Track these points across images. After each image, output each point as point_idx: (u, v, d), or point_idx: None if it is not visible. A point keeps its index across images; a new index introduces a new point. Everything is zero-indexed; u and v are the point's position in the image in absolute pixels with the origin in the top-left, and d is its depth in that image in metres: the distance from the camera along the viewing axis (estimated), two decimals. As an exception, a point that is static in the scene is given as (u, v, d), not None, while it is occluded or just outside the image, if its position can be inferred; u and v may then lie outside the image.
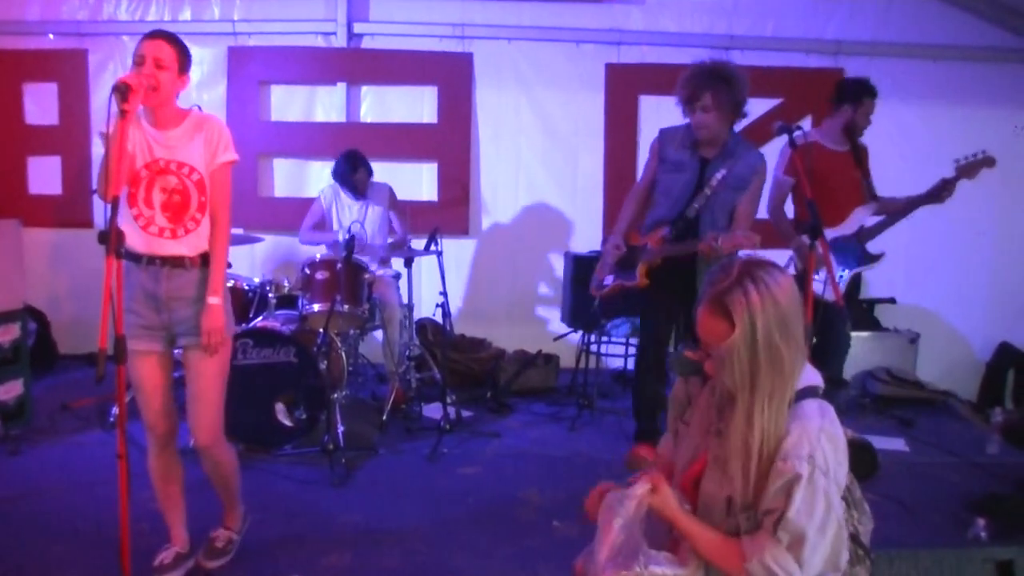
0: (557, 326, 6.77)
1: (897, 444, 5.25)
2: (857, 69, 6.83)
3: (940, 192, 4.66)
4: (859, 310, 6.59)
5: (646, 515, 1.99)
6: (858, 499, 2.01)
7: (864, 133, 5.02)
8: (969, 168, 4.58)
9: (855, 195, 4.94)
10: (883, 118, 6.63)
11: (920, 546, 3.61)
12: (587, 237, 7.00)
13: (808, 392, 1.93)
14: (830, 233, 4.59)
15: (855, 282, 5.09)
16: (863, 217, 4.91)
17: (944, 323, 7.02)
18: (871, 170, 5.09)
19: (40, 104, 6.97)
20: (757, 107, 6.94)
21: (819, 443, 1.82)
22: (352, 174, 5.74)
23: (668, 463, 2.32)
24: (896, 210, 4.89)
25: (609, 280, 4.73)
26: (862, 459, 2.00)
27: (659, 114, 6.83)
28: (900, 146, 6.58)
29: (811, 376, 1.97)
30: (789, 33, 6.88)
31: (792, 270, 4.64)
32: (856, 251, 4.84)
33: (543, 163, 7.10)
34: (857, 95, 4.94)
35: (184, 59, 3.08)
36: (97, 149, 6.82)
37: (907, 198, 4.83)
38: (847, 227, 4.86)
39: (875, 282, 6.73)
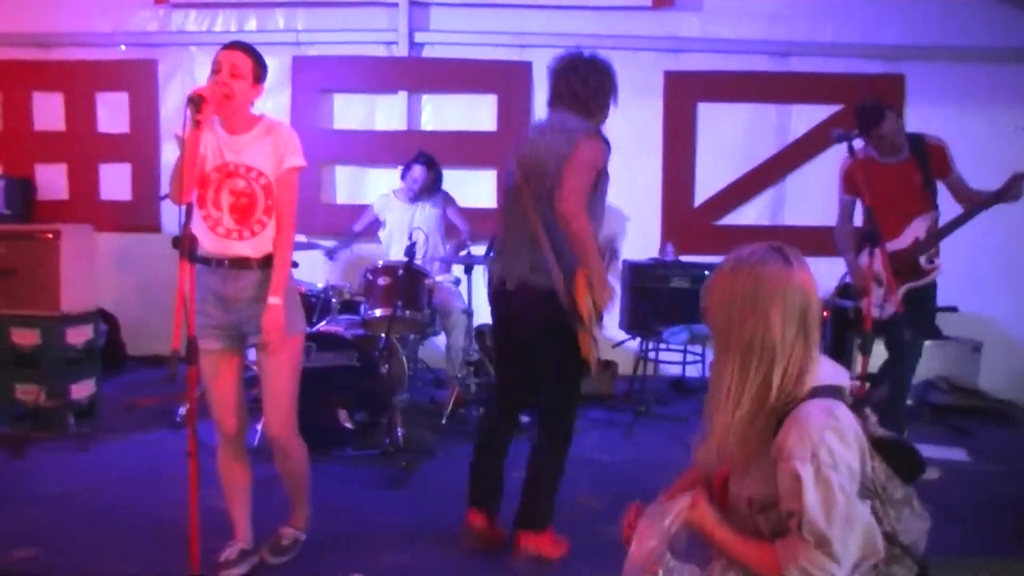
0: (615, 333, 6.77)
1: (958, 454, 5.18)
2: (918, 74, 6.78)
3: (1009, 190, 4.37)
4: (925, 321, 6.49)
5: (685, 533, 2.01)
6: (898, 499, 1.99)
7: (898, 147, 4.70)
8: None
9: (916, 205, 4.69)
10: (946, 124, 6.53)
11: (978, 556, 3.58)
12: (644, 245, 6.99)
13: (825, 391, 1.91)
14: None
15: (921, 295, 4.81)
16: (923, 227, 4.69)
17: (1007, 332, 6.88)
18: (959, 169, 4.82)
19: (112, 113, 7.21)
20: (815, 114, 6.92)
21: (822, 440, 1.81)
22: (426, 170, 5.89)
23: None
24: (967, 211, 4.61)
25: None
26: (902, 460, 1.98)
27: (717, 121, 6.85)
28: (962, 151, 6.40)
29: (831, 375, 1.97)
30: (848, 39, 6.82)
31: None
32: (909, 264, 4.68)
33: (601, 170, 7.10)
34: (865, 129, 4.64)
35: (260, 70, 3.19)
36: (166, 156, 7.02)
37: (981, 195, 4.55)
38: (902, 241, 4.69)
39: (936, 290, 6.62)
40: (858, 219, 4.96)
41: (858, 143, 3.93)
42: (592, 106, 3.64)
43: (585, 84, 3.62)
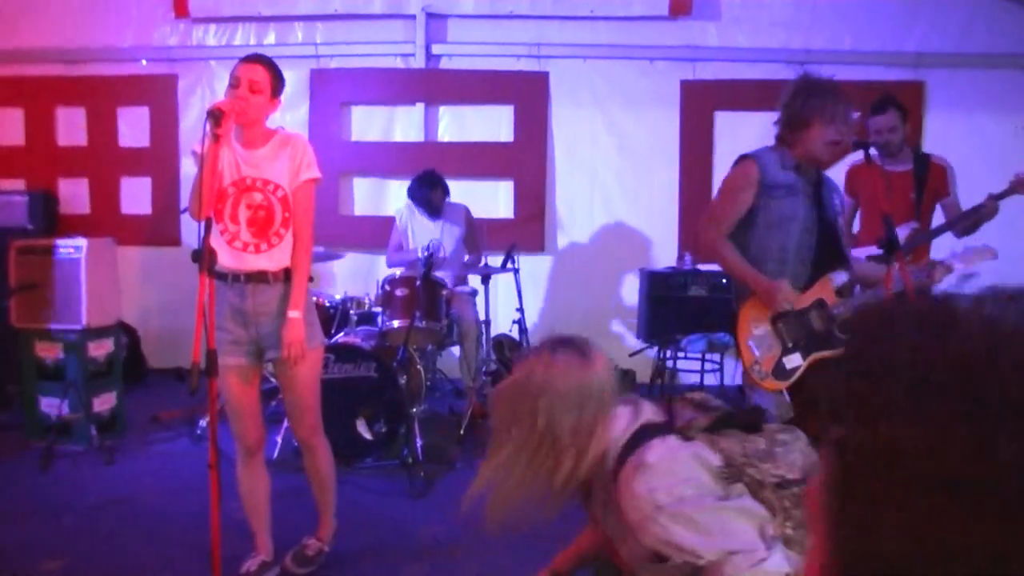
0: (632, 342, 6.77)
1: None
2: (940, 82, 6.72)
3: (980, 210, 4.42)
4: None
5: None
6: (763, 449, 1.99)
7: (892, 148, 4.76)
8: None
9: (900, 215, 4.61)
10: (968, 130, 6.50)
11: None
12: (662, 254, 7.00)
13: (630, 443, 1.96)
14: (864, 251, 4.39)
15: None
16: (900, 236, 4.68)
17: None
18: (957, 189, 4.87)
19: (132, 127, 7.28)
20: (835, 122, 6.87)
21: (652, 492, 1.85)
22: (429, 193, 5.83)
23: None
24: (950, 223, 4.66)
25: None
26: (742, 421, 2.02)
27: (735, 130, 6.83)
28: (985, 159, 6.37)
29: (629, 420, 2.02)
30: (868, 46, 6.78)
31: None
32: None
33: (618, 180, 7.13)
34: (865, 115, 4.74)
35: (277, 83, 3.22)
36: (186, 170, 7.07)
37: (957, 214, 4.62)
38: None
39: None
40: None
41: (874, 151, 3.90)
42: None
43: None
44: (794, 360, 3.43)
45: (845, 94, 3.51)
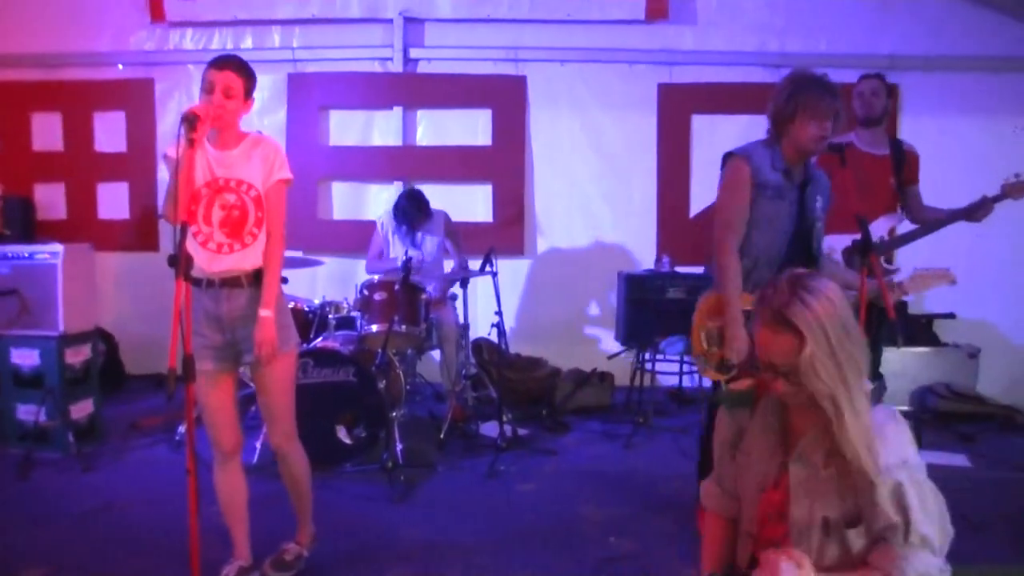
0: (611, 344, 6.79)
1: (959, 460, 5.18)
2: (912, 84, 6.80)
3: (976, 210, 4.41)
4: (917, 325, 6.53)
5: None
6: None
7: (873, 111, 4.86)
8: (1018, 188, 4.32)
9: (884, 202, 4.74)
10: (941, 132, 6.58)
11: (985, 562, 3.58)
12: (640, 256, 7.04)
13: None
14: (845, 239, 4.41)
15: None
16: (887, 227, 4.73)
17: (1005, 337, 6.90)
18: (920, 180, 4.91)
19: (109, 132, 7.24)
20: (810, 124, 6.93)
21: (899, 443, 1.90)
22: (415, 213, 5.84)
23: (728, 500, 2.35)
24: (927, 223, 4.65)
25: None
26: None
27: (712, 133, 6.88)
28: (959, 160, 6.46)
29: None
30: (842, 49, 6.83)
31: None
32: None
33: (596, 183, 7.16)
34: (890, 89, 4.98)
35: (250, 84, 3.22)
36: (163, 175, 7.00)
37: (945, 211, 4.61)
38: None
39: (933, 297, 6.65)
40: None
41: (847, 138, 3.91)
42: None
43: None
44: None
45: (832, 89, 3.60)
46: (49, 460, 4.92)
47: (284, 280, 3.60)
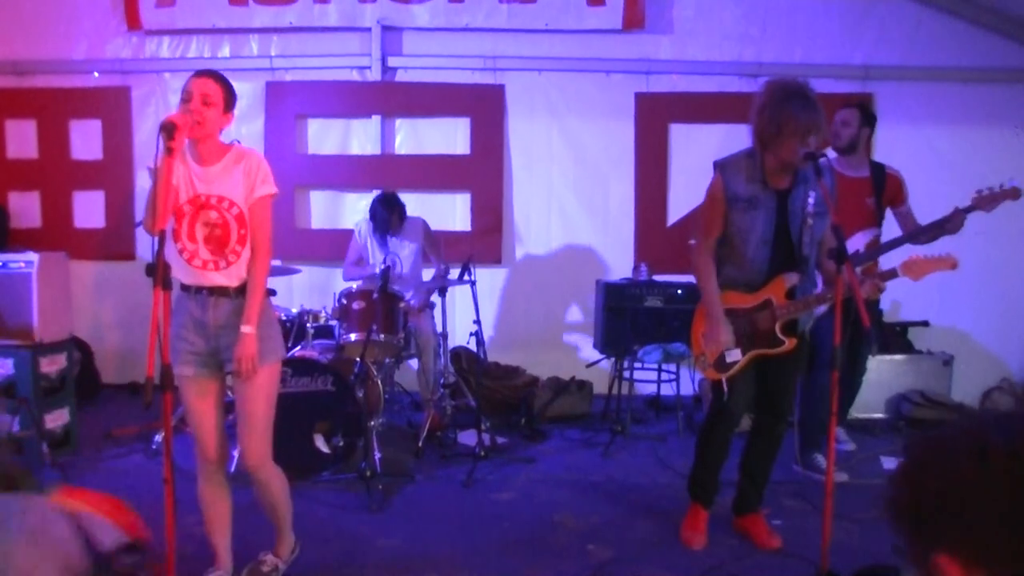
0: (589, 353, 6.81)
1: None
2: (887, 94, 6.88)
3: (948, 222, 4.46)
4: (892, 333, 6.58)
5: None
6: None
7: (846, 142, 4.97)
8: (988, 199, 4.34)
9: (861, 220, 4.88)
10: (915, 142, 6.68)
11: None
12: (618, 265, 7.06)
13: None
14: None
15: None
16: (863, 241, 4.89)
17: (979, 345, 6.97)
18: (910, 197, 5.05)
19: (85, 140, 7.18)
20: (786, 134, 6.99)
21: None
22: (389, 217, 5.81)
23: None
24: (907, 236, 4.71)
25: None
26: None
27: (689, 142, 6.93)
28: (933, 170, 6.53)
29: None
30: (817, 59, 6.90)
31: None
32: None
33: (575, 192, 7.18)
34: (872, 119, 5.07)
35: (230, 97, 3.21)
36: (140, 183, 7.01)
37: (923, 225, 4.67)
38: None
39: (908, 305, 6.73)
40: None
41: (823, 162, 3.96)
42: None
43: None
44: (734, 355, 3.83)
45: (812, 101, 3.73)
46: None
47: (272, 292, 3.59)
